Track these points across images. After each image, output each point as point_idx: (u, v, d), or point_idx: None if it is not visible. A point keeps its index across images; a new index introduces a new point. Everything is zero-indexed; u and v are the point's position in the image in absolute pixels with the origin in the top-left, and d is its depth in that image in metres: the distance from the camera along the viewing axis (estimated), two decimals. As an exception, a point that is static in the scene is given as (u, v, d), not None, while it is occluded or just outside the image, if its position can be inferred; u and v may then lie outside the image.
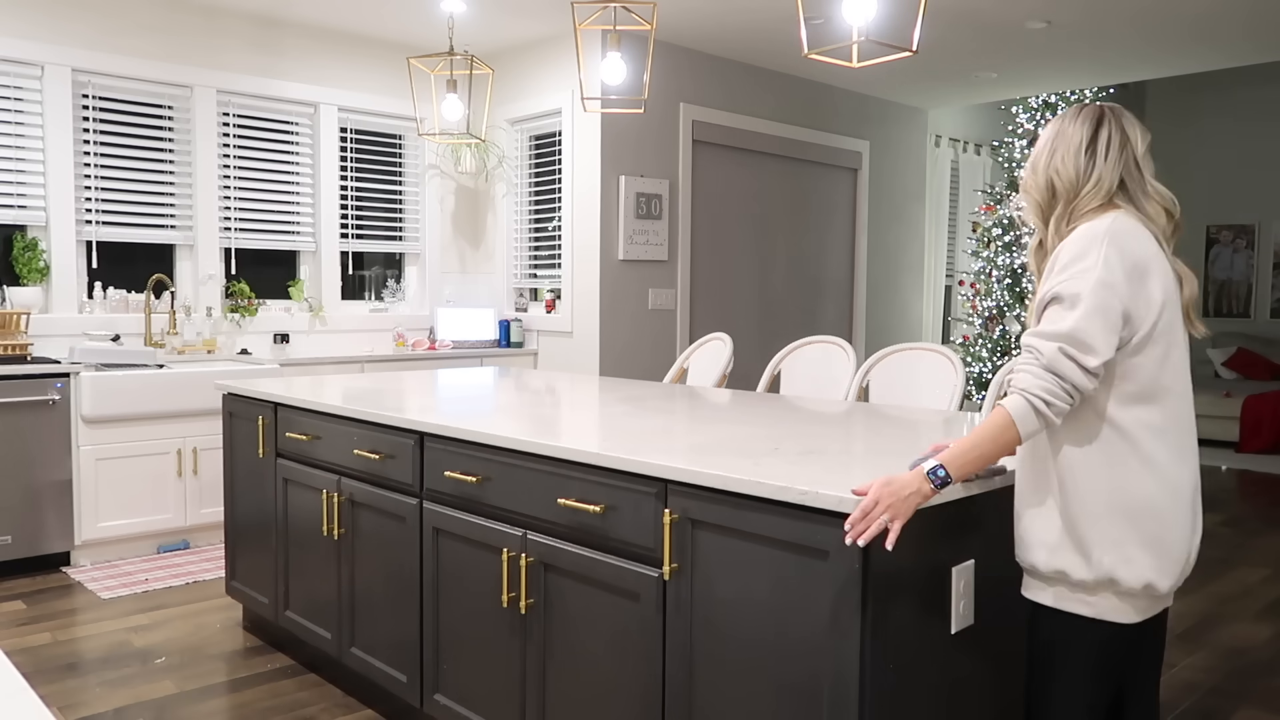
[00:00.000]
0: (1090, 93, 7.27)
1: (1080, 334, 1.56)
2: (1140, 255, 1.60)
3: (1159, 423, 1.61)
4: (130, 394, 4.33)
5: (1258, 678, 3.23)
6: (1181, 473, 1.63)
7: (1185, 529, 1.63)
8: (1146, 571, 1.60)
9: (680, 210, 5.85)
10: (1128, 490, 1.60)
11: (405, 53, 5.81)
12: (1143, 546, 1.60)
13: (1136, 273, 1.59)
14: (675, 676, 1.88)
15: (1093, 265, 1.58)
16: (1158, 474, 1.60)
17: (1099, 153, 1.67)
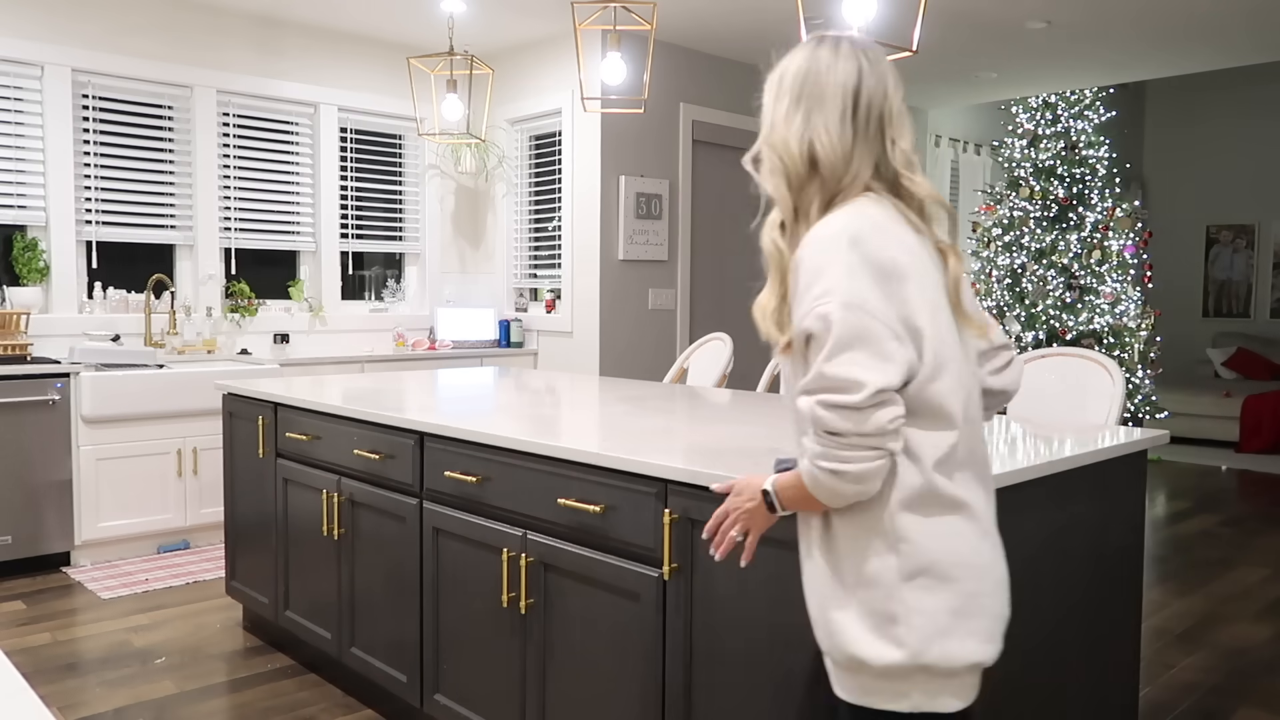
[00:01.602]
0: (1090, 93, 7.27)
1: (834, 372, 1.25)
2: (889, 255, 1.30)
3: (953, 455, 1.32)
4: (130, 394, 4.33)
5: (1258, 678, 3.23)
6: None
7: (1000, 602, 1.36)
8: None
9: (680, 210, 5.85)
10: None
11: (405, 53, 5.81)
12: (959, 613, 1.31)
13: (883, 276, 1.29)
14: (675, 676, 1.88)
15: (834, 284, 1.28)
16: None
17: (860, 122, 1.35)
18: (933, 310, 1.31)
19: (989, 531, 1.36)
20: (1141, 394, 7.07)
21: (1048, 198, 7.14)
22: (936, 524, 1.30)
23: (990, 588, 1.33)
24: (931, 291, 1.32)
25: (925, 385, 1.30)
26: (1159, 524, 5.44)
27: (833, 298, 1.27)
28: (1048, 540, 1.98)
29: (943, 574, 1.29)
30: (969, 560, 1.31)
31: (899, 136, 1.36)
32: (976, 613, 1.31)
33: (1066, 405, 2.79)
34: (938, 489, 1.30)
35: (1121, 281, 7.11)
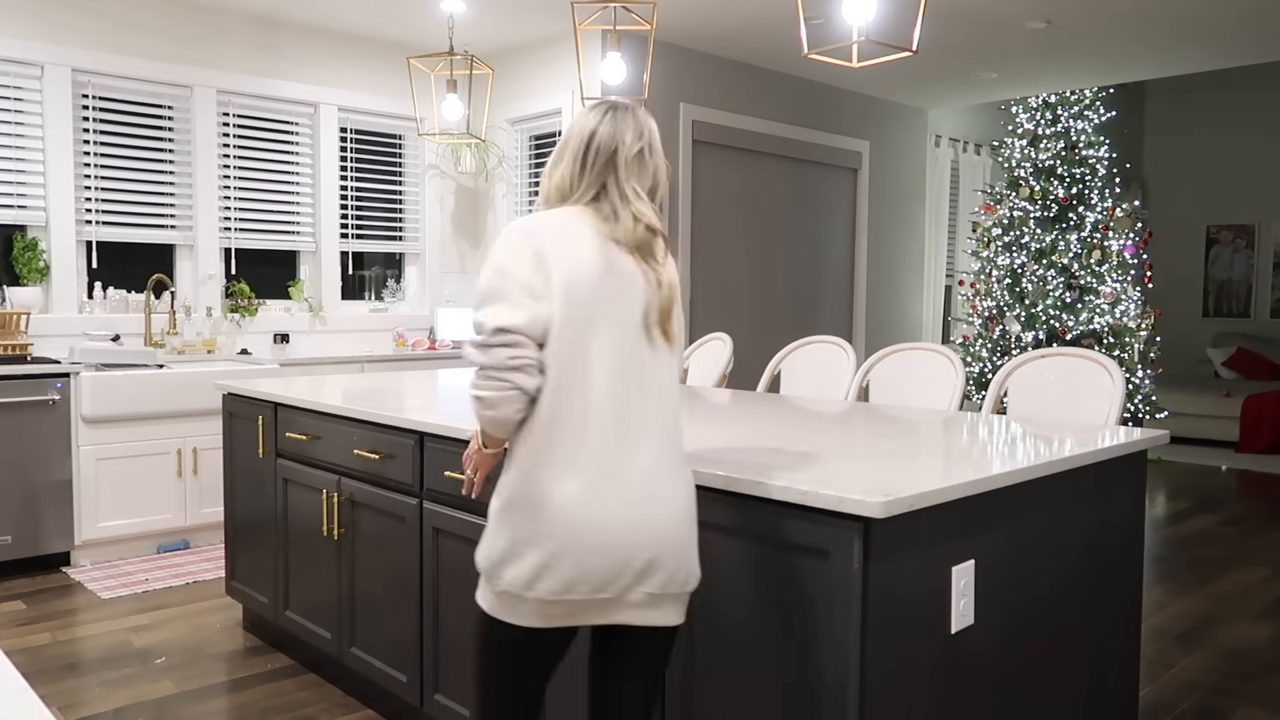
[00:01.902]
0: (1090, 93, 7.27)
1: (477, 318, 1.58)
2: (537, 243, 1.58)
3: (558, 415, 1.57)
4: (130, 394, 4.33)
5: (1258, 678, 3.23)
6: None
7: (592, 540, 1.54)
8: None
9: (680, 210, 5.85)
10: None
11: (405, 53, 5.81)
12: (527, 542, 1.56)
13: (537, 257, 1.57)
14: (674, 676, 1.88)
15: (494, 258, 1.60)
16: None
17: (587, 162, 1.68)
18: (569, 292, 1.56)
19: (596, 482, 1.55)
20: (1141, 394, 7.07)
21: (1048, 198, 7.14)
22: (536, 470, 1.56)
23: (558, 533, 1.54)
24: (584, 281, 1.57)
25: (560, 363, 1.56)
26: (1159, 524, 5.44)
27: (488, 267, 1.60)
28: (1048, 540, 1.98)
29: (518, 503, 1.57)
30: (555, 498, 1.55)
31: (628, 177, 1.65)
32: (529, 546, 1.55)
33: (1066, 405, 2.79)
34: (548, 442, 1.56)
35: (1121, 281, 7.11)
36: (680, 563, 1.61)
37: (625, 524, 1.55)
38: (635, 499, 1.56)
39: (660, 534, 1.57)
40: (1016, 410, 2.91)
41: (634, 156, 1.67)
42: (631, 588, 1.57)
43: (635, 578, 1.56)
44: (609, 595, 1.56)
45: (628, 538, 1.55)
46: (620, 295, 1.60)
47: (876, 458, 1.96)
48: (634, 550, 1.55)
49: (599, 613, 1.58)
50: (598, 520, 1.54)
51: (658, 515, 1.57)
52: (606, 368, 1.58)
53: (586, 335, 1.57)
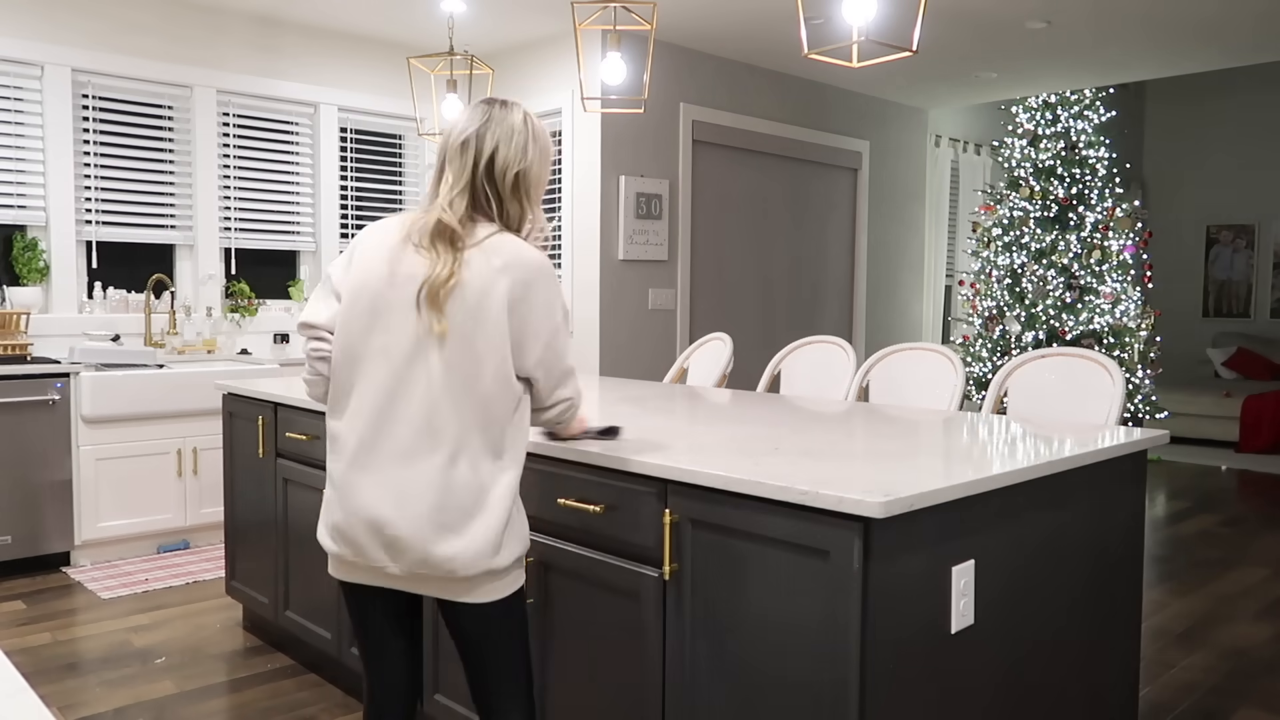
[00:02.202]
0: (1090, 93, 7.27)
1: (303, 316, 1.80)
2: (358, 243, 1.76)
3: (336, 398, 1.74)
4: (130, 394, 4.33)
5: (1258, 678, 3.23)
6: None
7: (347, 510, 1.70)
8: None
9: (680, 210, 5.85)
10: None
11: (405, 53, 5.81)
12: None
13: (349, 260, 1.76)
14: (675, 676, 1.88)
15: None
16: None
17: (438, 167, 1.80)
18: (353, 296, 1.71)
19: (353, 462, 1.69)
20: (1141, 394, 7.07)
21: (1048, 198, 7.14)
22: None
23: (339, 500, 1.72)
24: (370, 280, 1.70)
25: (339, 348, 1.72)
26: (1159, 524, 5.44)
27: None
28: (1048, 540, 1.98)
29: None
30: (330, 473, 1.74)
31: (442, 178, 1.73)
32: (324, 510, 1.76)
33: (1066, 405, 2.79)
34: (329, 420, 1.76)
35: (1121, 281, 7.11)
36: (424, 546, 1.65)
37: (367, 500, 1.67)
38: (383, 479, 1.67)
39: (404, 513, 1.65)
40: (1016, 410, 2.91)
41: (456, 148, 1.72)
42: (388, 562, 1.68)
43: (386, 551, 1.67)
44: (371, 564, 1.70)
45: (367, 512, 1.67)
46: (400, 291, 1.68)
47: (876, 458, 1.96)
48: (375, 524, 1.67)
49: (369, 575, 1.74)
50: (350, 494, 1.70)
51: (403, 494, 1.65)
52: (379, 362, 1.68)
53: (364, 330, 1.69)
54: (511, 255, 1.67)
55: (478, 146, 1.70)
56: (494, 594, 1.72)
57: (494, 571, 1.70)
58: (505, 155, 1.70)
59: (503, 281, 1.65)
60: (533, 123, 1.76)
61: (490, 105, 1.74)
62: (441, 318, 1.63)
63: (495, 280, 1.65)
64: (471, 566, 1.66)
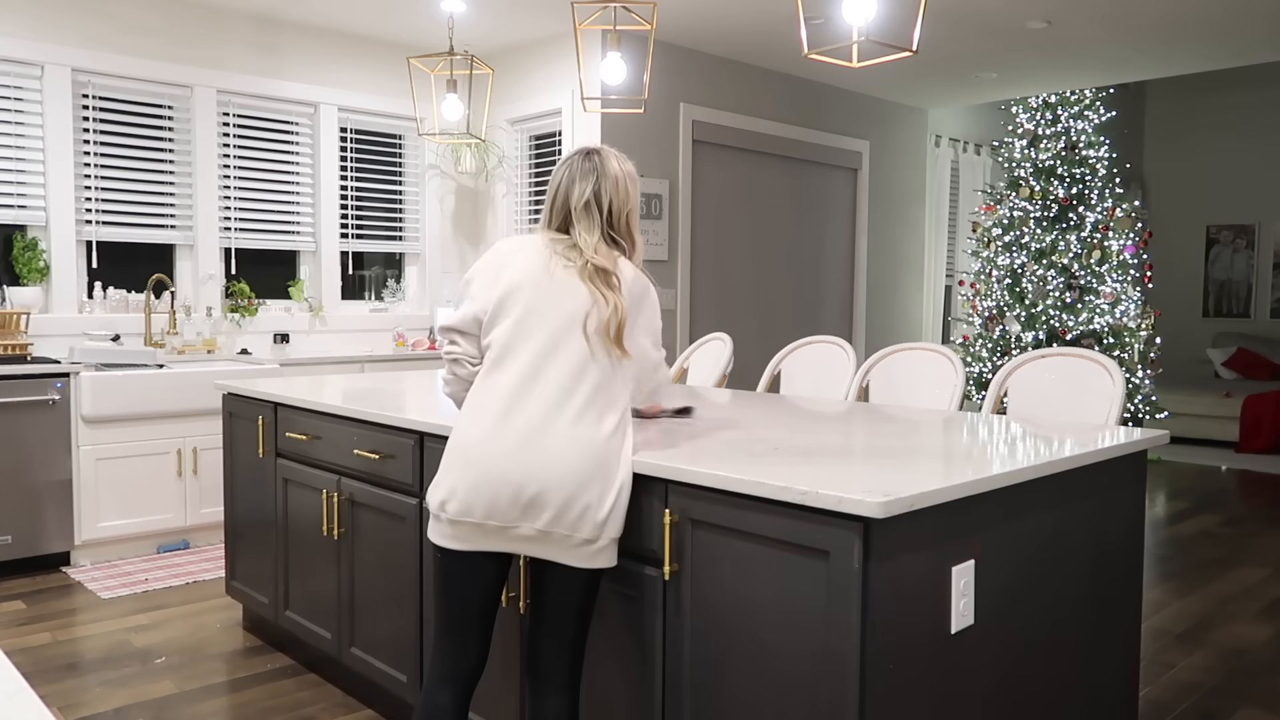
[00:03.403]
0: (1090, 93, 7.27)
1: (444, 321, 2.07)
2: (503, 254, 2.03)
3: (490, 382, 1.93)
4: (130, 394, 4.33)
5: (1258, 678, 3.23)
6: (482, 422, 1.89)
7: (476, 468, 1.85)
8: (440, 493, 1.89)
9: (680, 210, 5.85)
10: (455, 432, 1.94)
11: (405, 53, 5.81)
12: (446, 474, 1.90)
13: (495, 269, 2.01)
14: (675, 676, 1.88)
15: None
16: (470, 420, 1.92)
17: (553, 203, 2.08)
18: (510, 299, 1.96)
19: (500, 425, 1.87)
20: (1141, 394, 7.07)
21: (1048, 198, 7.14)
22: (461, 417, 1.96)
23: (460, 461, 1.88)
24: (524, 292, 1.96)
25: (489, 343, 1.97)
26: (1159, 524, 5.44)
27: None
28: (1048, 540, 1.98)
29: (449, 447, 1.93)
30: (458, 442, 1.91)
31: (571, 227, 2.03)
32: (442, 474, 1.91)
33: (1066, 405, 2.79)
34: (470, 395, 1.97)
35: (1121, 281, 7.11)
36: (570, 502, 1.81)
37: (510, 457, 1.83)
38: (525, 438, 1.84)
39: (548, 469, 1.81)
40: (1016, 410, 2.91)
41: (581, 210, 2.03)
42: (519, 521, 1.83)
43: (522, 511, 1.82)
44: (499, 523, 1.84)
45: (512, 470, 1.82)
46: (555, 290, 1.95)
47: (876, 458, 1.96)
48: (520, 483, 1.82)
49: (496, 539, 1.86)
50: (487, 454, 1.85)
51: (548, 451, 1.83)
52: (529, 347, 1.92)
53: (513, 324, 1.95)
54: (632, 279, 2.02)
55: (599, 204, 2.03)
56: (607, 561, 1.89)
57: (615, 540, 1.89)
58: (619, 205, 2.06)
59: (624, 307, 1.96)
60: (624, 166, 2.10)
61: (589, 160, 2.06)
62: (624, 350, 1.94)
63: (624, 307, 1.96)
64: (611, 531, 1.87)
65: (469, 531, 1.86)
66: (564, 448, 1.82)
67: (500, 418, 1.86)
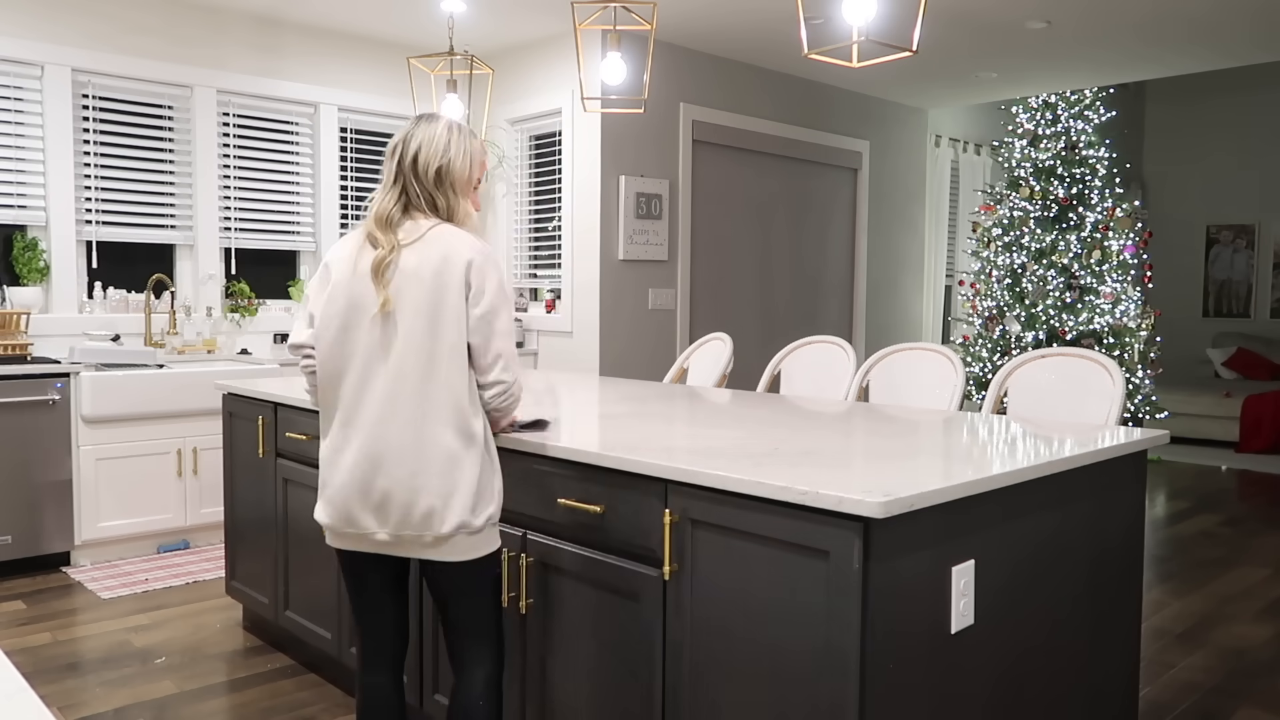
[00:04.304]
0: (1090, 93, 7.27)
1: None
2: (329, 258, 2.00)
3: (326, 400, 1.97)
4: (130, 394, 4.33)
5: (1258, 678, 3.23)
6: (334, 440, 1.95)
7: (335, 484, 1.93)
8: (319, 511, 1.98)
9: (680, 210, 5.85)
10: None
11: (405, 53, 5.81)
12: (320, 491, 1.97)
13: (323, 271, 2.00)
14: (675, 676, 1.88)
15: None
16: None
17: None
18: (330, 298, 1.95)
19: (343, 446, 1.92)
20: (1141, 394, 7.07)
21: (1048, 198, 7.14)
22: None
23: (328, 478, 1.95)
24: (340, 281, 1.95)
25: (323, 346, 1.96)
26: (1159, 524, 5.44)
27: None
28: (1048, 540, 1.98)
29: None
30: (323, 457, 1.97)
31: (383, 170, 2.02)
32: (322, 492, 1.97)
33: (1066, 405, 2.79)
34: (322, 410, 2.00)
35: (1121, 281, 7.11)
36: (413, 502, 1.87)
37: (350, 468, 1.90)
38: (365, 448, 1.89)
39: (390, 476, 1.87)
40: (1016, 410, 2.91)
41: (389, 150, 2.00)
42: (376, 529, 1.90)
43: (374, 515, 1.89)
44: (356, 531, 1.92)
45: (353, 479, 1.90)
46: (363, 283, 1.92)
47: (876, 458, 1.96)
48: (362, 490, 1.89)
49: (355, 543, 1.95)
50: (334, 466, 1.93)
51: (386, 459, 1.87)
52: (358, 350, 1.92)
53: (341, 327, 1.93)
54: (448, 243, 1.92)
55: (404, 152, 1.97)
56: (471, 552, 1.93)
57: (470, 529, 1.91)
58: (427, 155, 1.96)
59: (451, 267, 1.90)
60: (458, 127, 2.01)
61: (419, 119, 2.01)
62: (383, 290, 1.88)
63: (441, 267, 1.90)
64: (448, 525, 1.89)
65: (336, 537, 1.99)
66: (405, 453, 1.89)
67: (341, 443, 1.93)
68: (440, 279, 1.88)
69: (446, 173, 1.97)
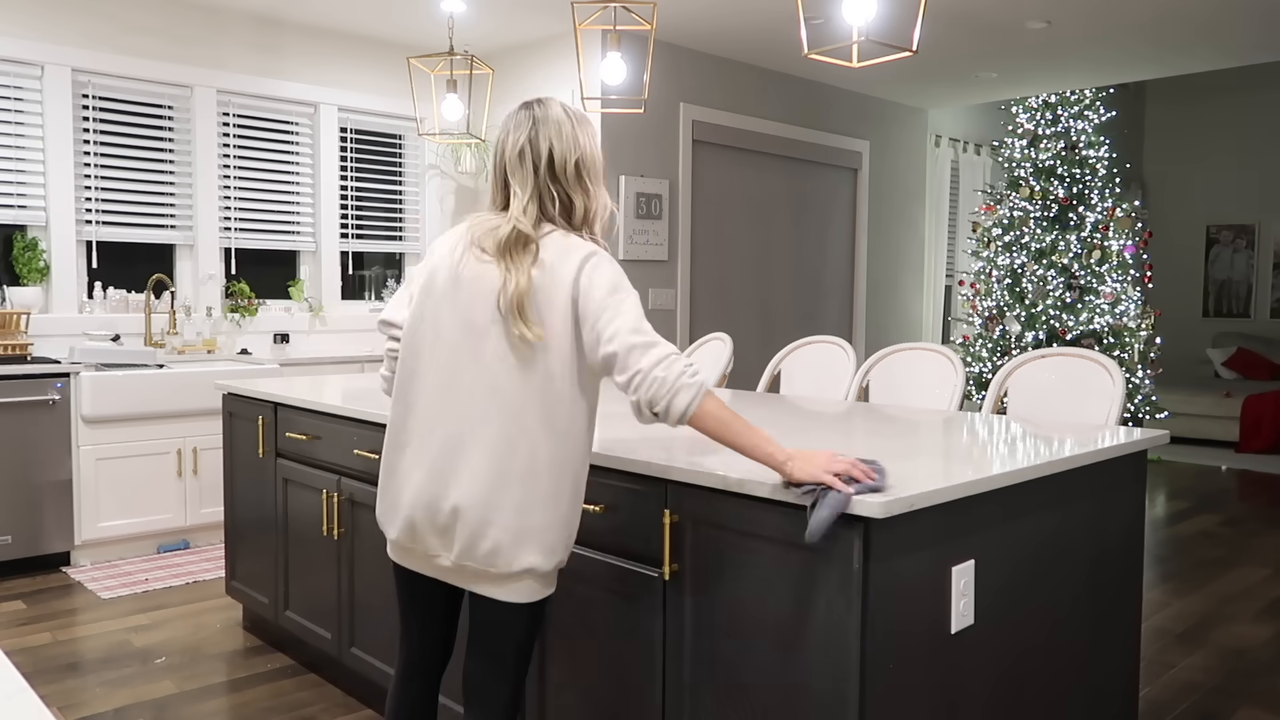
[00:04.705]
0: (1090, 93, 7.27)
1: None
2: (432, 249, 1.84)
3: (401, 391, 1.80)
4: (130, 394, 4.33)
5: (1258, 678, 3.23)
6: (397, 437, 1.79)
7: (389, 489, 1.80)
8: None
9: (680, 210, 5.85)
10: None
11: (405, 53, 5.81)
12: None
13: (426, 261, 1.84)
14: (675, 676, 1.88)
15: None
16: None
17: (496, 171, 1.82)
18: (425, 294, 1.78)
19: (407, 445, 1.77)
20: (1141, 394, 7.06)
21: (1048, 198, 7.14)
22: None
23: (385, 484, 1.82)
24: (437, 284, 1.77)
25: (405, 344, 1.80)
26: (1159, 524, 5.44)
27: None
28: (1048, 540, 1.98)
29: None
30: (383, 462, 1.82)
31: (512, 177, 1.75)
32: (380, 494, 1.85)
33: (1066, 405, 2.79)
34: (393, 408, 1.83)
35: (1121, 281, 7.11)
36: (481, 533, 1.67)
37: (420, 486, 1.73)
38: (437, 467, 1.71)
39: (457, 501, 1.68)
40: (1016, 410, 2.91)
41: (515, 157, 1.74)
42: (437, 549, 1.73)
43: (438, 535, 1.72)
44: (418, 547, 1.76)
45: (420, 497, 1.72)
46: (461, 296, 1.73)
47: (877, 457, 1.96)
48: (428, 509, 1.72)
49: (422, 563, 1.80)
50: (402, 480, 1.76)
51: (458, 483, 1.68)
52: (436, 362, 1.74)
53: (422, 332, 1.77)
54: (560, 251, 1.71)
55: (534, 151, 1.72)
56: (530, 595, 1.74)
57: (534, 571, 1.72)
58: (562, 150, 1.73)
59: (528, 285, 1.67)
60: (573, 110, 1.78)
61: (529, 108, 1.76)
62: (533, 325, 1.65)
63: (528, 284, 1.67)
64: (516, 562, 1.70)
65: (398, 551, 1.87)
66: (478, 481, 1.70)
67: (405, 440, 1.79)
68: (558, 293, 1.70)
69: (586, 167, 1.76)
